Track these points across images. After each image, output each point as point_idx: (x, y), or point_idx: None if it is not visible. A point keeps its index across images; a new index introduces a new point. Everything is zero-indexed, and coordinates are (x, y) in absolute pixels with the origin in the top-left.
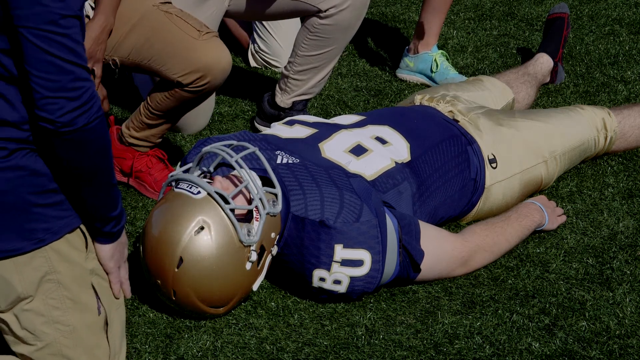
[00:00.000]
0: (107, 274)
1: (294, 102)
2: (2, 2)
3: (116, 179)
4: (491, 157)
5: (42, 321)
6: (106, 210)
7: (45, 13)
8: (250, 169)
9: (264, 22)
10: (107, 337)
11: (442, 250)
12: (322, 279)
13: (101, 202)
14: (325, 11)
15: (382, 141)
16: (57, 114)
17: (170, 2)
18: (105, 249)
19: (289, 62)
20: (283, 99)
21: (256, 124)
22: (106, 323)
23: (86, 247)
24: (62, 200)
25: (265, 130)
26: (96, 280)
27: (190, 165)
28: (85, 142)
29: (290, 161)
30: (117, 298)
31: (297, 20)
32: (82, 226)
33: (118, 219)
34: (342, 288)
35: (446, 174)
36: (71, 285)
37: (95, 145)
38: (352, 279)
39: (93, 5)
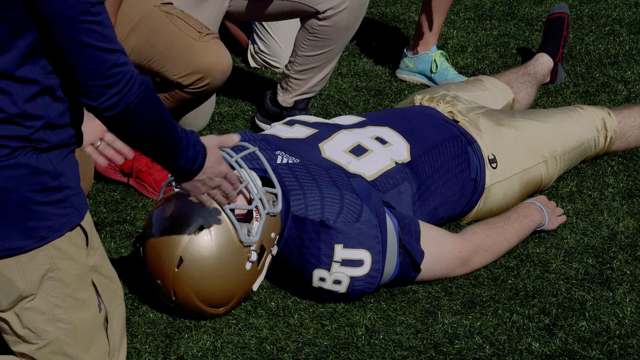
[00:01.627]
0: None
1: (296, 101)
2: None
3: (177, 128)
4: (491, 157)
5: (43, 319)
6: (176, 153)
7: (77, 4)
8: (250, 169)
9: (263, 23)
10: (107, 335)
11: (442, 250)
12: (322, 279)
13: (169, 154)
14: (323, 12)
15: (382, 141)
16: (98, 101)
17: (171, 3)
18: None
19: (289, 62)
20: (285, 98)
21: (257, 121)
22: (106, 320)
23: (87, 244)
24: (64, 198)
25: (266, 131)
26: (97, 277)
27: None
28: (131, 120)
29: (290, 161)
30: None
31: (297, 20)
32: (83, 223)
33: (194, 158)
34: (342, 288)
35: (446, 174)
36: (72, 282)
37: (142, 119)
38: (352, 279)
39: None
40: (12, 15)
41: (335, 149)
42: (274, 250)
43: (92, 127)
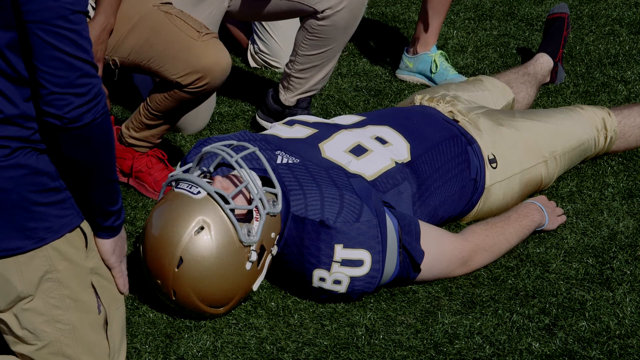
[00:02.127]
0: (110, 269)
1: (298, 100)
2: None
3: (117, 175)
4: (491, 157)
5: (42, 320)
6: (107, 204)
7: (56, 8)
8: (250, 169)
9: (263, 23)
10: (106, 336)
11: (442, 250)
12: (322, 279)
13: (102, 196)
14: (321, 12)
15: (382, 141)
16: (64, 110)
17: (170, 3)
18: (107, 244)
19: (290, 61)
20: (287, 97)
21: (258, 119)
22: (106, 322)
23: (86, 246)
24: (63, 199)
25: (266, 131)
26: (96, 279)
27: (190, 165)
28: (91, 137)
29: (290, 161)
30: (122, 293)
31: (296, 20)
32: (82, 225)
33: (118, 213)
34: (342, 288)
35: (446, 174)
36: (71, 284)
37: (100, 141)
38: (352, 279)
39: (94, 5)
40: (6, 15)
41: (335, 149)
42: (274, 250)
43: None
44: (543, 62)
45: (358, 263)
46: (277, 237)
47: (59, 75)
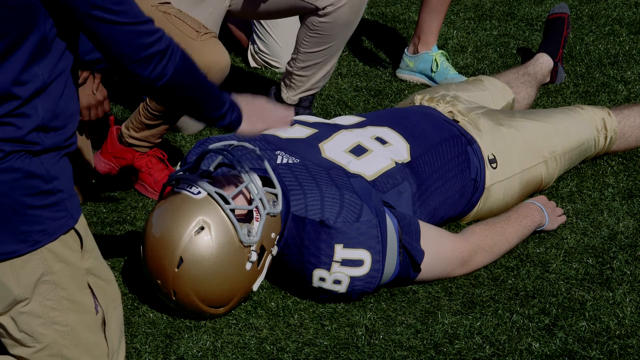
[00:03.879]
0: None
1: (300, 99)
2: None
3: (212, 84)
4: (491, 157)
5: (39, 323)
6: (218, 109)
7: None
8: (250, 169)
9: (262, 23)
10: (105, 337)
11: (442, 250)
12: (322, 279)
13: (211, 106)
14: (323, 9)
15: (382, 141)
16: (148, 73)
17: (169, 3)
18: (244, 129)
19: (292, 59)
20: (289, 96)
21: None
22: (104, 322)
23: (81, 247)
24: (57, 201)
25: (266, 131)
26: (92, 279)
27: (190, 165)
28: (182, 82)
29: (290, 161)
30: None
31: (296, 20)
32: (77, 227)
33: (230, 109)
34: (342, 288)
35: (446, 174)
36: (68, 285)
37: (190, 77)
38: (352, 278)
39: None
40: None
41: (335, 149)
42: (274, 250)
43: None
44: (543, 62)
45: (358, 263)
46: (277, 237)
47: (132, 45)
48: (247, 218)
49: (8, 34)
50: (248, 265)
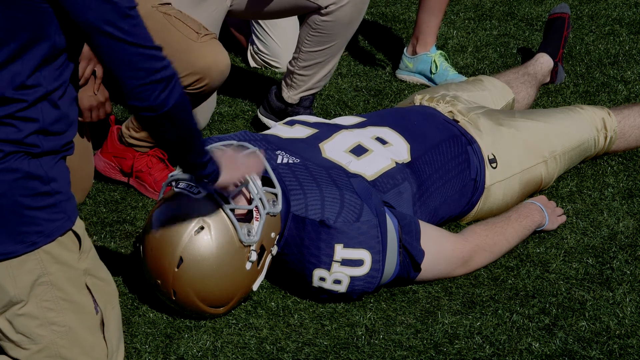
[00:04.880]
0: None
1: (301, 98)
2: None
3: (199, 132)
4: (491, 157)
5: (37, 324)
6: (202, 155)
7: (117, 10)
8: None
9: (261, 23)
10: (104, 337)
11: (442, 250)
12: (322, 279)
13: (196, 155)
14: (325, 8)
15: (383, 141)
16: (152, 99)
17: (169, 4)
18: (224, 179)
19: (293, 58)
20: (290, 95)
21: (260, 116)
22: (102, 323)
23: (79, 248)
24: (54, 203)
25: (266, 131)
26: (90, 280)
27: None
28: (179, 117)
29: (290, 161)
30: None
31: (295, 20)
32: (75, 228)
33: (211, 159)
34: (342, 288)
35: (446, 174)
36: (65, 286)
37: (187, 112)
38: (352, 278)
39: None
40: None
41: (335, 148)
42: (274, 250)
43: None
44: (543, 62)
45: (358, 263)
46: (277, 237)
47: (139, 68)
48: (247, 218)
49: (19, 36)
50: (248, 265)
